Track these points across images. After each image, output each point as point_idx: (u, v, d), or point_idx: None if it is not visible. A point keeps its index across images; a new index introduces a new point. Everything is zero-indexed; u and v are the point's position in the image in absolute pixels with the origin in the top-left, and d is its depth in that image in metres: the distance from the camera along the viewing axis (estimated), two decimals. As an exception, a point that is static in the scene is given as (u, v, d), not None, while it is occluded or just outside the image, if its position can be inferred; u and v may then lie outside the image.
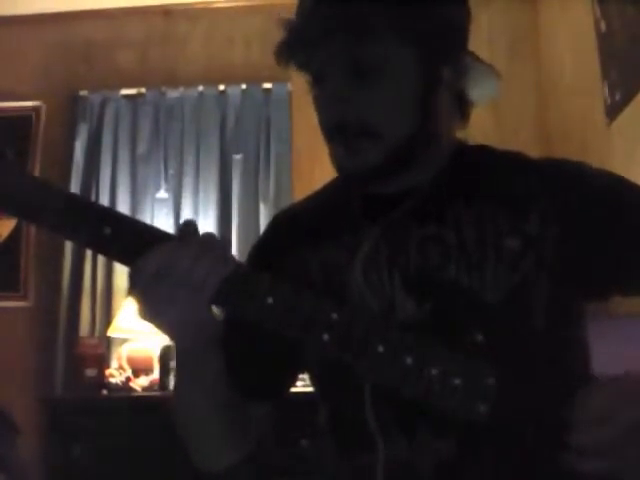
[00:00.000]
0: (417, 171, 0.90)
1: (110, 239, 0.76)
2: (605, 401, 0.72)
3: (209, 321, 0.81)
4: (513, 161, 0.94)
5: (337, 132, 0.88)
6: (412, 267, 0.87)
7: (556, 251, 0.85)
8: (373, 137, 0.86)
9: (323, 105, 0.90)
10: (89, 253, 3.32)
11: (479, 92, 0.94)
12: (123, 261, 0.78)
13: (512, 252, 0.85)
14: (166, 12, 3.64)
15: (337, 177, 0.97)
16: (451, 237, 0.87)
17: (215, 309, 0.81)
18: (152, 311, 0.77)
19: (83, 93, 3.55)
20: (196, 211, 3.40)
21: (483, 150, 0.97)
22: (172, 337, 0.82)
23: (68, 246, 3.33)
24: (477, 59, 0.92)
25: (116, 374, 3.05)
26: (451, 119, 0.93)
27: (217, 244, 0.78)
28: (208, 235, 0.78)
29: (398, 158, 0.87)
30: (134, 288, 0.76)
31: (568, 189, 0.88)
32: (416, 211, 0.90)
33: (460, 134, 0.97)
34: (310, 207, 1.02)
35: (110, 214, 0.78)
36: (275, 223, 1.05)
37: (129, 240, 0.77)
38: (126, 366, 3.12)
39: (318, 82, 0.90)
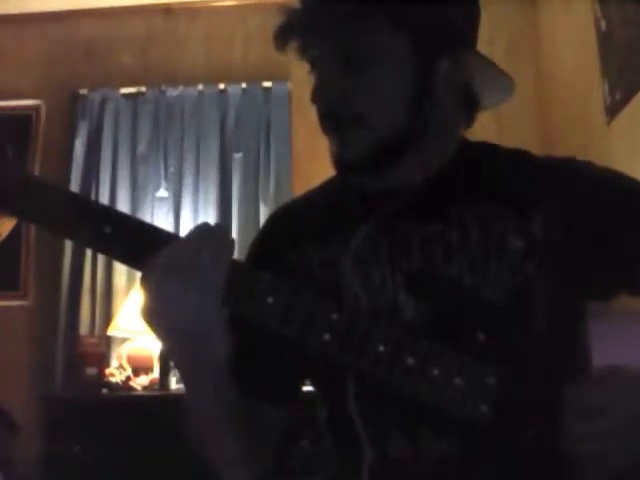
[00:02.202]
0: (413, 166, 0.90)
1: (110, 238, 0.76)
2: (609, 391, 0.73)
3: (222, 329, 0.78)
4: (518, 159, 0.94)
5: (328, 121, 0.88)
6: (414, 266, 0.87)
7: (560, 251, 0.85)
8: (362, 127, 0.86)
9: (315, 94, 0.89)
10: (89, 252, 3.32)
11: (492, 95, 0.93)
12: (123, 260, 0.78)
13: (515, 252, 0.85)
14: (166, 11, 3.64)
15: (334, 176, 0.97)
16: (454, 236, 0.87)
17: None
18: (165, 309, 0.74)
19: (83, 92, 3.55)
20: (196, 210, 3.40)
21: (488, 148, 0.96)
22: (182, 338, 0.77)
23: (68, 245, 3.32)
24: (485, 59, 0.90)
25: (116, 373, 3.05)
26: (454, 116, 0.92)
27: (215, 231, 0.76)
28: (204, 225, 0.77)
29: (389, 149, 0.87)
30: (147, 286, 0.74)
31: (573, 189, 0.87)
32: (416, 208, 0.89)
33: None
34: (309, 203, 1.02)
35: (110, 213, 0.78)
36: (274, 219, 1.03)
37: (129, 239, 0.76)
38: (126, 365, 3.12)
39: (313, 70, 0.90)
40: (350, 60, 0.85)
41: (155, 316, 0.75)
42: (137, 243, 0.76)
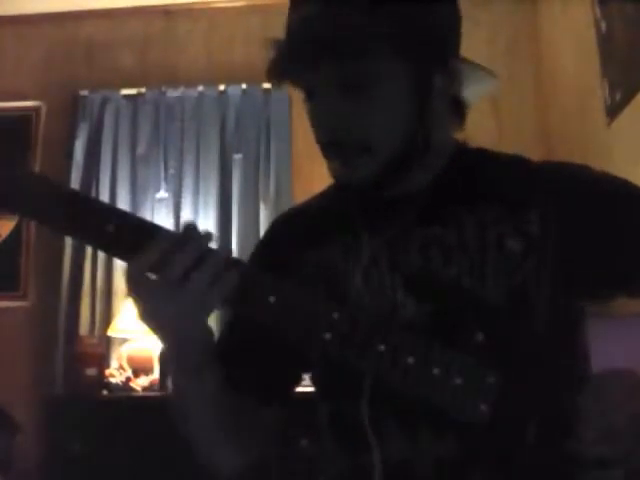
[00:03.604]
0: (415, 176, 0.90)
1: (112, 236, 0.76)
2: (611, 392, 0.73)
3: (206, 327, 0.80)
4: (512, 164, 0.94)
5: (332, 149, 0.88)
6: (414, 268, 0.87)
7: (557, 253, 0.85)
8: (368, 152, 0.86)
9: (316, 122, 0.90)
10: (89, 253, 3.32)
11: (474, 92, 0.94)
12: (125, 258, 0.78)
13: (513, 254, 0.85)
14: (166, 12, 3.65)
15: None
16: (453, 238, 0.87)
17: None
18: (150, 311, 0.76)
19: (83, 93, 3.55)
20: (196, 211, 3.40)
21: (482, 153, 0.97)
22: (168, 340, 0.80)
23: (68, 246, 3.33)
24: (468, 61, 0.91)
25: (116, 374, 3.05)
26: (447, 123, 0.93)
27: (218, 250, 0.77)
28: (207, 237, 0.77)
29: (395, 168, 0.87)
30: (131, 286, 0.76)
31: (568, 192, 0.88)
32: (416, 212, 0.90)
33: (460, 135, 0.96)
34: (311, 209, 1.03)
35: (113, 211, 0.78)
36: (277, 225, 1.05)
37: (131, 237, 0.76)
38: (126, 366, 3.12)
39: (310, 98, 0.90)
40: (349, 88, 0.85)
41: (143, 314, 0.77)
42: (139, 242, 0.76)
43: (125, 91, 3.56)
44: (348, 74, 0.84)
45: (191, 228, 0.77)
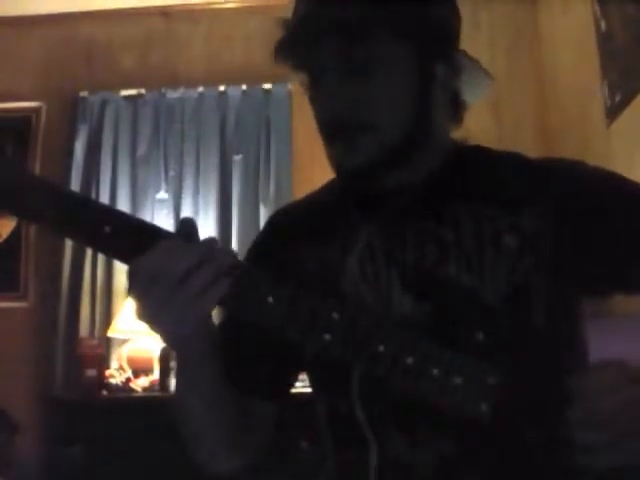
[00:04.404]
0: (412, 169, 0.91)
1: (110, 237, 0.76)
2: (605, 377, 0.73)
3: (206, 324, 0.81)
4: (509, 161, 0.94)
5: (335, 130, 0.88)
6: (409, 264, 0.87)
7: (554, 250, 0.85)
8: (372, 131, 0.87)
9: (320, 104, 0.90)
10: (89, 253, 3.32)
11: (471, 91, 0.94)
12: (123, 260, 0.78)
13: (511, 251, 0.85)
14: (166, 13, 3.65)
15: (334, 178, 0.97)
16: (449, 235, 0.87)
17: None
18: (149, 312, 0.76)
19: (83, 94, 3.55)
20: (196, 212, 3.40)
21: (479, 150, 0.97)
22: (167, 340, 0.80)
23: (68, 246, 3.33)
24: (469, 58, 0.92)
25: (116, 375, 3.05)
26: (445, 118, 0.93)
27: (220, 253, 0.76)
28: (211, 242, 0.76)
29: (397, 152, 0.88)
30: (132, 287, 0.76)
31: (564, 188, 0.88)
32: (412, 208, 0.90)
33: (461, 134, 0.97)
34: (307, 206, 1.03)
35: (110, 212, 0.78)
36: (272, 222, 1.05)
37: (129, 238, 0.76)
38: (126, 367, 3.12)
39: (314, 82, 0.90)
40: (352, 71, 0.86)
41: (142, 315, 0.76)
42: (137, 242, 0.76)
43: (125, 92, 3.56)
44: (351, 57, 0.86)
45: (191, 229, 0.77)
